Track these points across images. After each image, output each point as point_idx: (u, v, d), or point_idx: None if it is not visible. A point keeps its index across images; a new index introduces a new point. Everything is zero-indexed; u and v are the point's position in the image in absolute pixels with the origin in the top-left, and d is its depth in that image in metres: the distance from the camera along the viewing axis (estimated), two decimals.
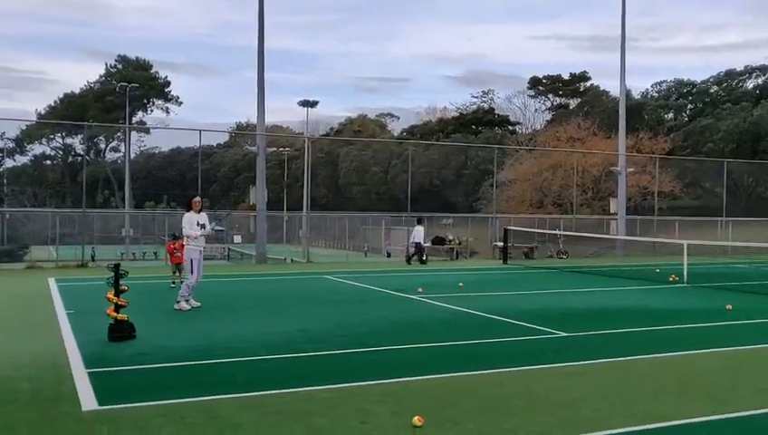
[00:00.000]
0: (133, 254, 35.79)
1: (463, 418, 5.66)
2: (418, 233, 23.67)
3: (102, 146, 76.51)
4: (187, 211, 11.92)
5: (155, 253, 35.39)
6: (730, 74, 61.89)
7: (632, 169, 32.42)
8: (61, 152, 77.78)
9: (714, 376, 7.31)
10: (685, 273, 17.21)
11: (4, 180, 53.80)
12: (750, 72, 61.33)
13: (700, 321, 11.03)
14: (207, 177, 68.23)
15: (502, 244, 24.74)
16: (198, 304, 11.87)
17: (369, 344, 8.77)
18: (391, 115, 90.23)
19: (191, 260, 11.78)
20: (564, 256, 26.88)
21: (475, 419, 5.65)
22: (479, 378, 7.11)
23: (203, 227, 11.85)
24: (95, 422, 5.48)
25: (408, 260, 23.59)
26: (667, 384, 6.88)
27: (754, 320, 11.20)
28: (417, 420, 5.44)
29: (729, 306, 12.29)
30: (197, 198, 12.08)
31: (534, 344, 9.10)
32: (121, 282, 8.96)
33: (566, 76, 72.82)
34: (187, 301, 11.74)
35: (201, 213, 12.00)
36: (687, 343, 9.14)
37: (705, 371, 7.55)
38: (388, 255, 31.44)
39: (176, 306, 11.62)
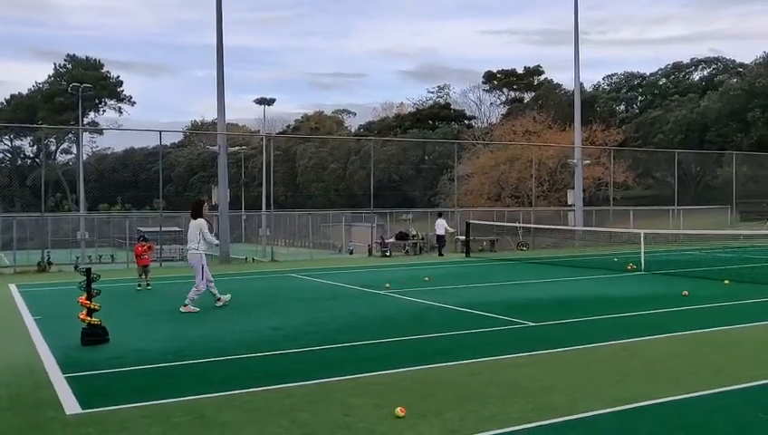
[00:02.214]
0: (89, 257, 35.12)
1: (443, 407, 5.86)
2: (439, 226, 24.34)
3: (53, 148, 74.89)
4: (200, 217, 11.95)
5: (111, 256, 34.84)
6: (677, 67, 63.61)
7: (588, 162, 33.17)
8: (9, 155, 75.88)
9: (676, 359, 7.65)
10: (642, 261, 17.77)
11: None
12: (696, 64, 63.16)
13: (659, 307, 11.46)
14: (162, 177, 67.27)
15: (464, 237, 25.10)
16: (197, 309, 11.54)
17: (343, 340, 8.91)
18: (348, 111, 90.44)
19: (203, 266, 11.74)
20: (525, 248, 27.39)
21: (455, 408, 5.85)
22: (454, 368, 7.32)
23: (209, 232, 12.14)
24: (81, 425, 5.52)
25: (439, 253, 24.32)
26: (632, 368, 7.20)
27: (709, 304, 11.69)
28: (399, 410, 5.62)
29: (685, 292, 12.80)
30: (206, 205, 12.46)
31: (504, 334, 9.36)
32: (94, 286, 8.93)
33: (520, 70, 73.93)
34: (194, 304, 11.55)
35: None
36: (649, 328, 9.49)
37: (668, 354, 7.89)
38: (351, 252, 31.55)
39: (182, 309, 11.43)
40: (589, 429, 5.36)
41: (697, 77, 62.63)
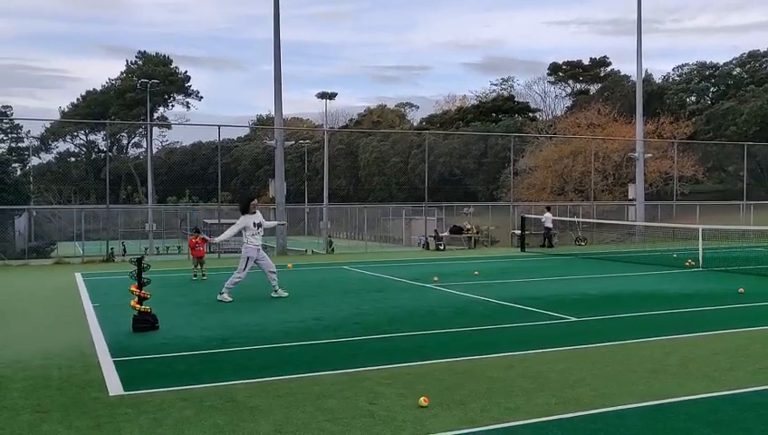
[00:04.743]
0: (157, 248, 36.41)
1: (468, 398, 5.94)
2: (548, 219, 25.24)
3: (125, 142, 77.69)
4: (244, 213, 12.21)
5: (178, 247, 35.98)
6: (753, 56, 61.07)
7: (650, 155, 32.34)
8: (84, 149, 79.09)
9: (716, 357, 7.49)
10: (700, 257, 17.28)
11: (30, 178, 54.88)
12: None
13: (711, 304, 11.19)
14: (228, 170, 68.96)
15: (519, 232, 24.89)
16: (230, 299, 11.97)
17: (382, 331, 9.07)
18: (411, 105, 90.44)
19: (248, 259, 12.05)
20: (582, 243, 26.95)
21: (480, 399, 5.92)
22: (487, 361, 7.37)
23: (259, 226, 12.22)
24: (121, 406, 5.84)
25: (550, 244, 25.23)
26: (668, 365, 7.10)
27: (765, 302, 11.34)
28: (422, 400, 5.74)
29: (741, 289, 12.44)
30: (255, 201, 12.56)
31: (544, 329, 9.33)
32: (144, 275, 9.32)
33: (586, 61, 72.44)
34: (229, 293, 11.96)
35: (256, 213, 12.37)
36: (695, 325, 9.33)
37: (709, 352, 7.73)
38: (425, 245, 31.32)
39: (219, 298, 11.92)
40: (613, 422, 5.34)
41: None
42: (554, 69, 73.62)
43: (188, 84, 75.47)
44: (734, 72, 60.88)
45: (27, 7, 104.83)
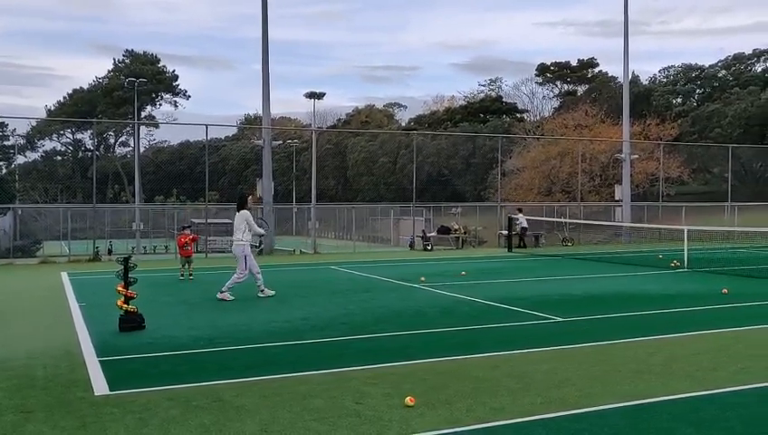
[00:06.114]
0: (144, 247, 36.18)
1: (453, 398, 5.97)
2: (522, 220, 25.76)
3: (112, 141, 77.21)
4: (245, 209, 12.32)
5: (165, 246, 35.76)
6: (738, 58, 61.64)
7: (636, 156, 32.55)
8: (71, 148, 78.53)
9: (699, 357, 7.57)
10: (685, 258, 17.43)
11: (16, 177, 54.44)
12: (758, 55, 61.03)
13: (695, 305, 11.29)
14: (216, 169, 68.71)
15: (506, 232, 24.97)
16: (232, 298, 11.97)
17: (369, 331, 9.09)
18: (399, 105, 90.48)
19: (245, 257, 12.11)
20: (569, 244, 27.08)
21: (466, 399, 5.96)
22: (473, 361, 7.41)
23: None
24: (106, 405, 5.83)
25: (520, 245, 25.47)
26: (652, 365, 7.16)
27: (748, 303, 11.46)
28: (408, 400, 5.77)
29: (725, 290, 12.56)
30: (250, 197, 12.89)
31: (530, 329, 9.39)
32: (131, 274, 9.30)
33: (574, 63, 72.77)
34: (230, 293, 11.99)
35: (251, 208, 12.69)
36: (679, 325, 9.40)
37: (692, 352, 7.81)
38: (412, 245, 31.16)
39: (218, 296, 11.96)
40: (597, 422, 5.39)
41: (760, 69, 60.52)
42: (542, 70, 73.90)
43: (176, 83, 74.99)
44: (720, 75, 61.39)
45: (14, 5, 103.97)
